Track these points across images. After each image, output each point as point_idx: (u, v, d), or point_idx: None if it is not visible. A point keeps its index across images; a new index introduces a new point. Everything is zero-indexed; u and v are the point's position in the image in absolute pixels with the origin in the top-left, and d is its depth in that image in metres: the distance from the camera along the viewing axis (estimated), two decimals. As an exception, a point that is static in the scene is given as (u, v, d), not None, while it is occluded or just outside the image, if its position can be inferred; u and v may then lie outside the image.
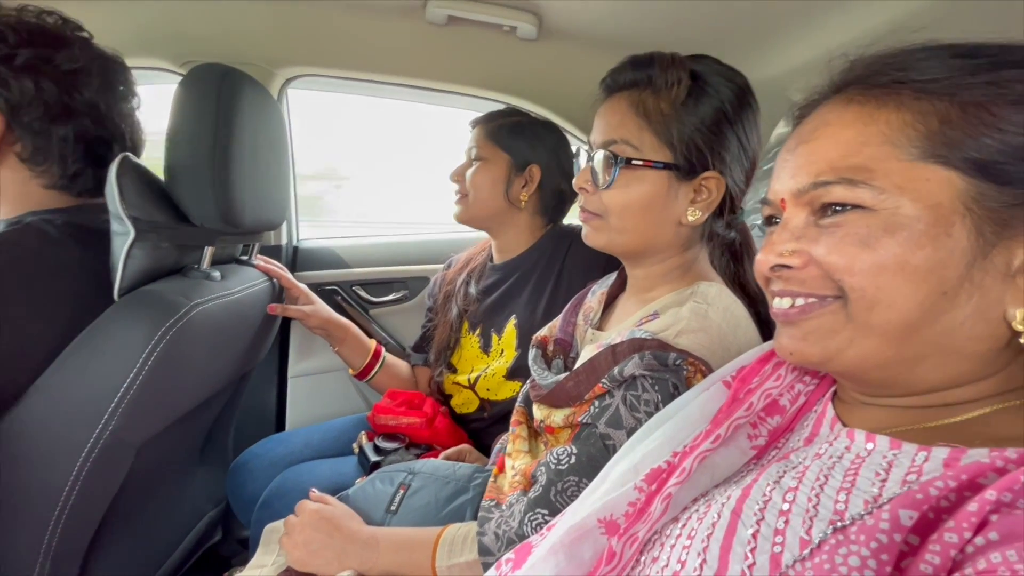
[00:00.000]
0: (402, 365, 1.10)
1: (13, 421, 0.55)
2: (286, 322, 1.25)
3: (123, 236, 0.63)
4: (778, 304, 0.37)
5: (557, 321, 0.75)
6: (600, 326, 0.70)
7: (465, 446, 0.88)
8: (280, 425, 1.28)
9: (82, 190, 0.69)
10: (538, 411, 0.65)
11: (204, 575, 1.10)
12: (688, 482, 0.38)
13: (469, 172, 0.96)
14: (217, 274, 0.76)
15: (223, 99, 0.68)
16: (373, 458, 0.88)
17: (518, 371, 0.92)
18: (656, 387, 0.51)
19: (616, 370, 0.52)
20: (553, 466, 0.54)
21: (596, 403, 0.55)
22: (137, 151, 0.75)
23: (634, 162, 0.57)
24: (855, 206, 0.32)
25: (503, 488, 0.61)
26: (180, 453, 0.88)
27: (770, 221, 0.40)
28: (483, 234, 1.06)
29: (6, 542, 0.57)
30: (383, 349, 1.06)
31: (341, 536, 0.62)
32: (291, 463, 0.98)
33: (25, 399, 0.56)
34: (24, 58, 0.61)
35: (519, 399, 0.73)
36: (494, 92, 1.18)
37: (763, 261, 0.36)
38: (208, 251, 0.75)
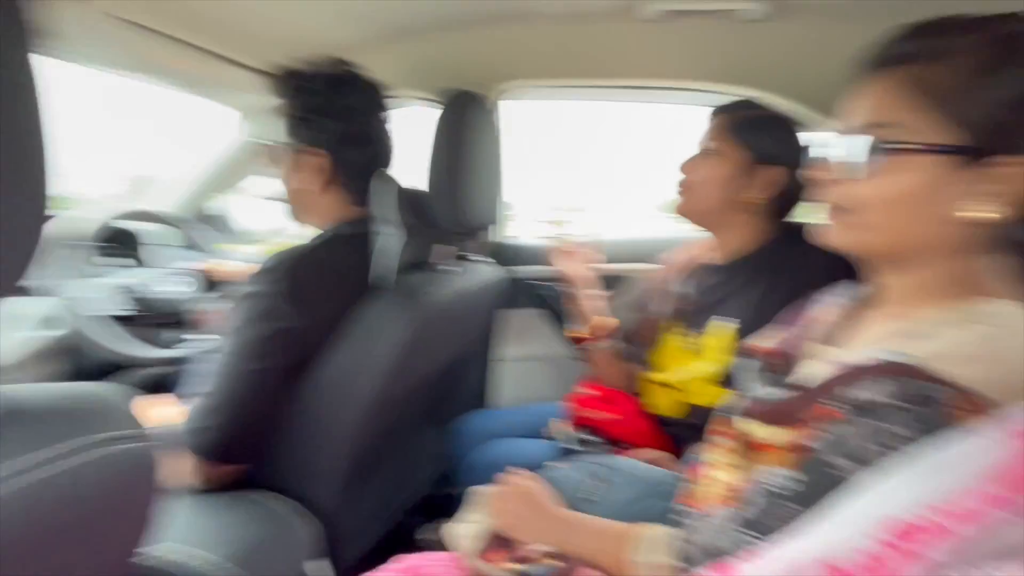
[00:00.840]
0: (619, 350, 1.11)
1: (317, 377, 0.75)
2: (499, 311, 1.40)
3: (388, 237, 0.80)
4: None
5: (780, 331, 0.68)
6: (835, 342, 0.61)
7: (664, 453, 0.86)
8: (489, 401, 1.45)
9: (363, 202, 0.86)
10: (749, 427, 0.60)
11: (426, 517, 1.32)
12: (956, 549, 0.31)
13: (702, 166, 0.91)
14: (452, 268, 0.89)
15: (466, 125, 0.81)
16: (570, 447, 0.92)
17: (728, 377, 0.86)
18: (908, 421, 0.42)
19: (854, 393, 0.45)
20: (773, 490, 0.50)
21: (828, 428, 0.48)
22: (392, 163, 0.93)
23: (903, 146, 0.48)
24: None
25: (699, 496, 0.59)
26: (415, 416, 1.07)
27: None
28: (691, 234, 1.01)
29: (319, 457, 0.78)
30: (616, 328, 1.11)
31: (543, 512, 0.67)
32: (495, 436, 1.10)
33: (324, 362, 0.75)
34: (337, 105, 0.81)
35: (723, 410, 0.69)
36: (715, 83, 1.11)
37: None
38: (444, 248, 0.89)
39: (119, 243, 1.41)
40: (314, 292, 0.72)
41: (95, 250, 1.34)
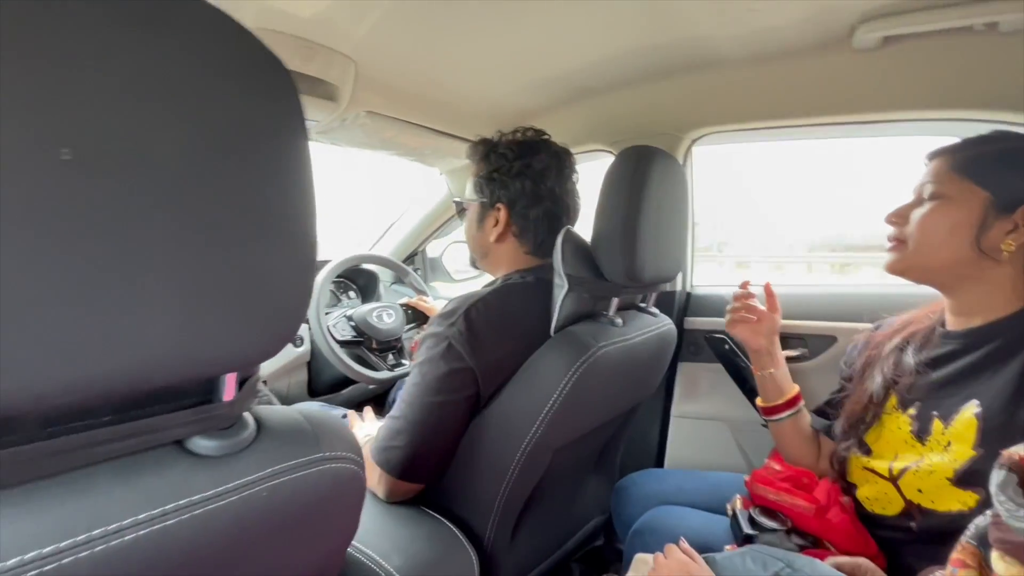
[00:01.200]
0: (810, 423, 0.97)
1: (488, 413, 0.82)
2: (674, 364, 1.34)
3: (560, 288, 0.84)
4: None
5: None
6: None
7: (867, 561, 0.70)
8: (660, 459, 1.37)
9: (545, 252, 0.93)
10: (1002, 565, 0.45)
11: (590, 567, 1.30)
12: None
13: (917, 213, 0.76)
14: (620, 320, 0.89)
15: (636, 178, 0.81)
16: (747, 530, 0.82)
17: (973, 477, 0.66)
18: None
19: None
20: None
21: None
22: (575, 217, 0.97)
23: None
24: None
25: None
26: (580, 463, 1.07)
27: None
28: (915, 291, 0.83)
29: (479, 490, 0.85)
30: (802, 398, 0.98)
31: None
32: (664, 501, 1.03)
33: (494, 401, 0.82)
34: (517, 167, 0.90)
35: (970, 533, 0.53)
36: (962, 109, 0.91)
37: None
38: (614, 301, 0.89)
39: (348, 279, 1.77)
40: (486, 335, 0.80)
41: (331, 286, 1.71)
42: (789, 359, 1.20)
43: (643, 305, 1.05)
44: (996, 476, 0.50)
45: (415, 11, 0.83)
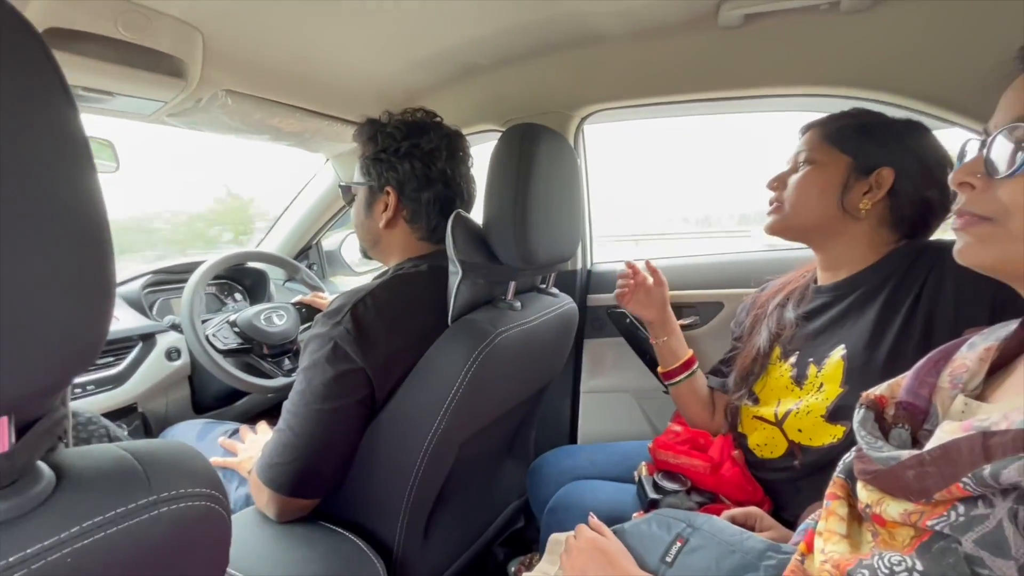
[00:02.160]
0: (705, 384, 1.04)
1: (386, 413, 0.77)
2: (580, 341, 1.36)
3: (455, 275, 0.80)
4: None
5: (902, 379, 0.56)
6: (981, 396, 0.49)
7: (755, 509, 0.75)
8: (573, 435, 1.40)
9: (439, 238, 0.88)
10: (864, 493, 0.50)
11: (508, 553, 1.30)
12: None
13: (793, 178, 0.83)
14: (519, 304, 0.87)
15: (523, 157, 0.78)
16: (651, 495, 0.85)
17: (841, 412, 0.74)
18: None
19: (988, 471, 0.35)
20: None
21: (959, 508, 0.38)
22: (471, 202, 0.94)
23: None
24: None
25: (811, 574, 0.50)
26: (491, 451, 1.06)
27: None
28: (784, 254, 0.90)
29: (382, 495, 0.80)
30: (696, 361, 1.04)
31: (613, 572, 0.62)
32: (577, 476, 1.04)
33: (391, 400, 0.77)
34: (404, 148, 0.85)
35: (839, 468, 0.58)
36: (814, 86, 0.99)
37: None
38: (511, 285, 0.87)
39: (232, 280, 1.60)
40: (376, 332, 0.74)
41: (212, 288, 1.54)
42: (683, 327, 1.27)
43: (543, 286, 1.04)
44: (857, 414, 0.54)
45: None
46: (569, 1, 0.91)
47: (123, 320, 1.26)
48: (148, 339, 1.28)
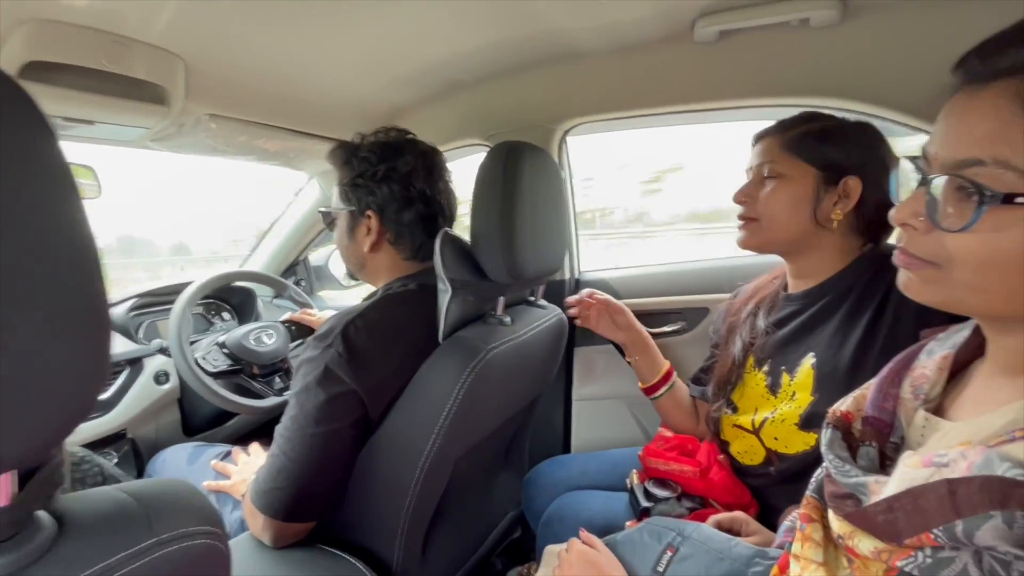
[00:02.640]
0: (687, 393, 1.06)
1: (381, 433, 0.78)
2: (570, 350, 1.37)
3: (444, 293, 0.81)
4: None
5: (867, 390, 0.55)
6: (941, 407, 0.49)
7: (741, 514, 0.77)
8: (566, 443, 1.41)
9: (426, 257, 0.89)
10: (837, 523, 0.48)
11: (506, 563, 1.31)
12: None
13: (763, 192, 0.82)
14: (508, 318, 0.89)
15: (507, 174, 0.80)
16: (643, 503, 0.87)
17: (813, 419, 0.75)
18: None
19: (961, 529, 0.34)
20: None
21: (927, 551, 0.39)
22: (454, 216, 0.94)
23: (1020, 200, 0.36)
24: None
25: None
26: (486, 463, 1.07)
27: None
28: (772, 259, 0.92)
29: (379, 515, 0.80)
30: (674, 372, 1.06)
31: None
32: (570, 487, 1.06)
33: (385, 420, 0.78)
34: (381, 171, 0.85)
35: (811, 487, 0.57)
36: (785, 96, 1.02)
37: None
38: (501, 300, 0.89)
39: (220, 300, 1.59)
40: (368, 353, 0.75)
41: (199, 309, 1.53)
42: (670, 333, 1.29)
43: (532, 299, 1.06)
44: (824, 435, 0.53)
45: (245, 4, 0.74)
46: (549, 18, 0.93)
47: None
48: (136, 364, 1.27)
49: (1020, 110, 0.36)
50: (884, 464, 0.49)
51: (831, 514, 0.50)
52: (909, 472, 0.40)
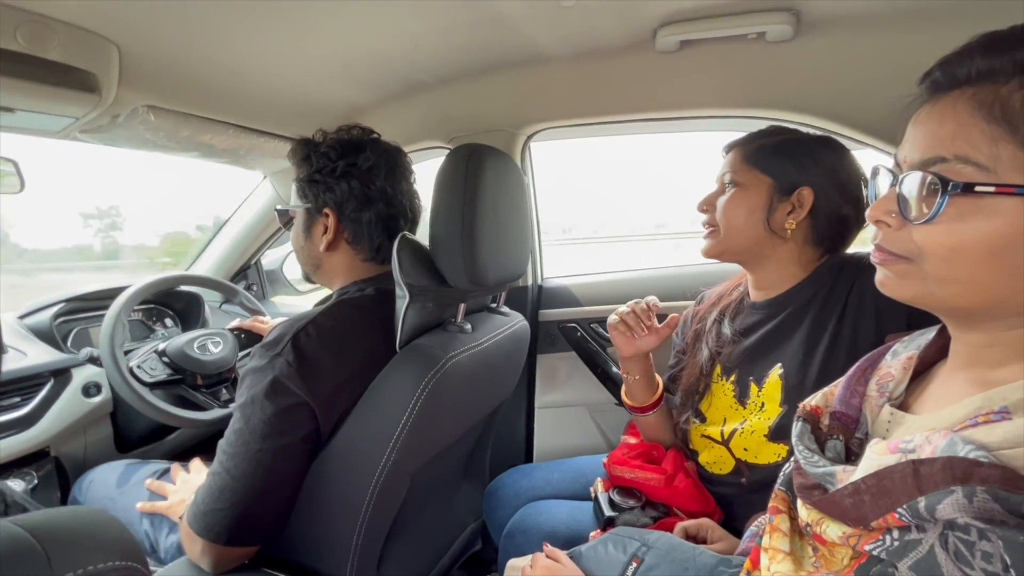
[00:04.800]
0: (667, 409, 1.00)
1: (332, 447, 0.73)
2: (532, 357, 1.36)
3: (402, 299, 0.78)
4: None
5: (835, 388, 0.58)
6: (905, 404, 0.52)
7: (706, 520, 0.77)
8: (528, 452, 1.39)
9: (384, 259, 0.86)
10: (805, 511, 0.51)
11: (470, 573, 1.27)
12: None
13: (721, 200, 0.84)
14: (469, 326, 0.86)
15: (468, 178, 0.77)
16: (607, 512, 0.85)
17: (782, 431, 0.76)
18: (1004, 543, 0.34)
19: (924, 505, 0.36)
20: None
21: (894, 533, 0.40)
22: (416, 219, 0.91)
23: (979, 188, 0.39)
24: None
25: None
26: (445, 476, 1.03)
27: None
28: (732, 267, 0.93)
29: (330, 534, 0.76)
30: (664, 396, 0.98)
31: None
32: (533, 498, 1.03)
33: (338, 433, 0.73)
34: (341, 167, 0.81)
35: (780, 481, 0.59)
36: (743, 108, 1.04)
37: None
38: (461, 307, 0.86)
39: (162, 306, 1.49)
40: (320, 362, 0.71)
41: (138, 315, 1.43)
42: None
43: (494, 305, 1.03)
44: (795, 428, 0.56)
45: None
46: (512, 22, 0.92)
47: (31, 355, 1.14)
48: (61, 374, 1.16)
49: (976, 112, 0.40)
50: (849, 458, 0.51)
51: (799, 504, 0.50)
52: (876, 458, 0.41)
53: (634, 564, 0.66)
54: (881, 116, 0.89)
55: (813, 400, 0.58)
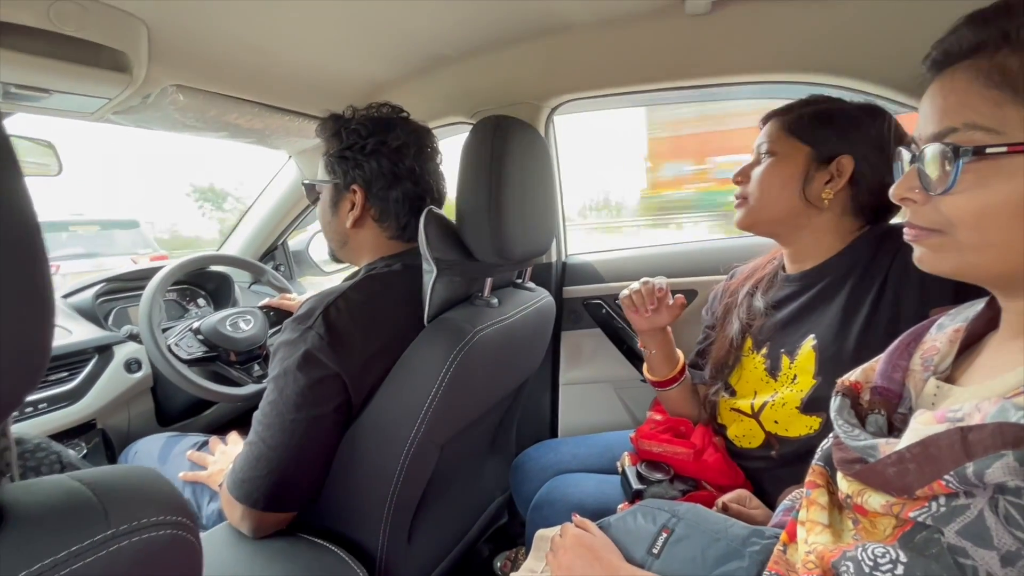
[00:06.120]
0: (691, 383, 0.99)
1: (364, 418, 0.75)
2: (557, 334, 1.35)
3: (429, 274, 0.78)
4: None
5: (877, 362, 0.56)
6: (951, 377, 0.50)
7: (744, 492, 0.76)
8: (554, 428, 1.39)
9: (411, 236, 0.86)
10: (845, 483, 0.50)
11: (493, 549, 1.29)
12: None
13: (756, 172, 0.82)
14: (495, 300, 0.86)
15: (495, 150, 0.76)
16: (635, 486, 0.85)
17: (816, 403, 0.75)
18: None
19: (972, 470, 0.35)
20: (868, 571, 0.41)
21: (940, 500, 0.39)
22: (442, 199, 0.91)
23: (991, 150, 0.40)
24: None
25: (794, 564, 0.50)
26: (473, 449, 1.04)
27: None
28: (761, 240, 0.90)
29: (363, 503, 0.78)
30: (686, 369, 0.98)
31: (601, 568, 0.62)
32: (560, 470, 1.04)
33: (369, 405, 0.74)
34: (371, 144, 0.81)
35: (818, 456, 0.58)
36: (780, 73, 0.99)
37: None
38: (488, 281, 0.85)
39: (195, 286, 1.53)
40: (351, 335, 0.72)
41: (172, 295, 1.47)
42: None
43: (519, 281, 1.03)
44: (834, 402, 0.55)
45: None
46: None
47: (76, 333, 1.19)
48: (104, 351, 1.21)
49: (975, 81, 0.42)
50: (892, 433, 0.50)
51: (839, 477, 0.50)
52: (922, 428, 0.41)
53: (664, 534, 0.66)
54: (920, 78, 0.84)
55: (853, 375, 0.57)
